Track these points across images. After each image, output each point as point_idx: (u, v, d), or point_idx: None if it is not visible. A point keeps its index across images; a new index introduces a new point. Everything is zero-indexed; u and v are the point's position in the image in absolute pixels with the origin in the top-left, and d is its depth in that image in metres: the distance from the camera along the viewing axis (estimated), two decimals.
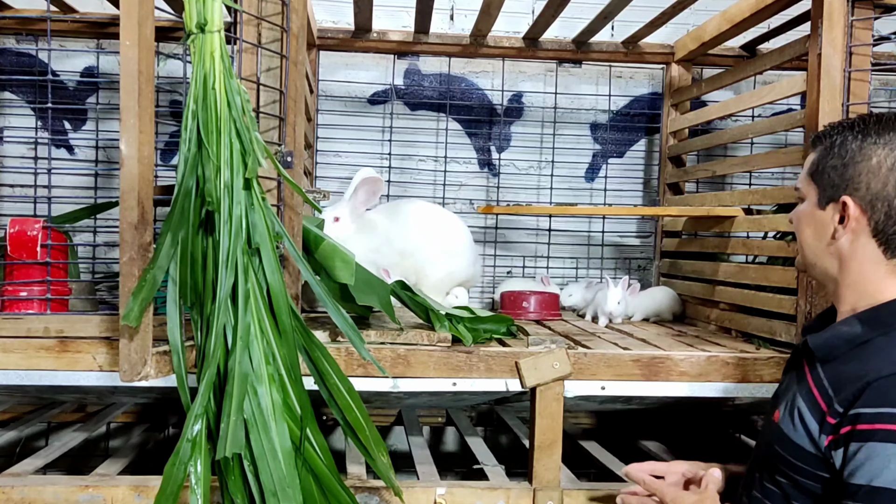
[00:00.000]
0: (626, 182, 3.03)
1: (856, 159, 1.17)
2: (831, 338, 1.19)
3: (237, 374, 1.39)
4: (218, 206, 1.42)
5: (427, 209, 2.44)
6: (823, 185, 1.21)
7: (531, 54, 2.82)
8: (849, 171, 1.17)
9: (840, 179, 1.18)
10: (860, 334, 1.16)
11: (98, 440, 2.77)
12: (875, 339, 1.14)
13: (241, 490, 1.40)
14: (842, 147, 1.19)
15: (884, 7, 1.82)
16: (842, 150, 1.19)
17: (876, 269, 1.18)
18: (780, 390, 1.32)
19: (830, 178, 1.20)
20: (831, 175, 1.20)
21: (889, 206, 1.15)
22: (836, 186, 1.19)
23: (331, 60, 2.85)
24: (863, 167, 1.16)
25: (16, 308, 1.72)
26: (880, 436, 1.05)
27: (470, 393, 1.80)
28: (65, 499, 1.62)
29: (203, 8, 1.42)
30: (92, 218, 2.45)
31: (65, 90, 2.79)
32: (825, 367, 1.18)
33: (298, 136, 1.74)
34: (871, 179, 1.15)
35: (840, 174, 1.18)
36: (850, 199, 1.17)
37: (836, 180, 1.19)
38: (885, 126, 1.17)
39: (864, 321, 1.16)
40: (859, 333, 1.16)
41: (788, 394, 1.25)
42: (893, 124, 1.17)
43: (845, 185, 1.18)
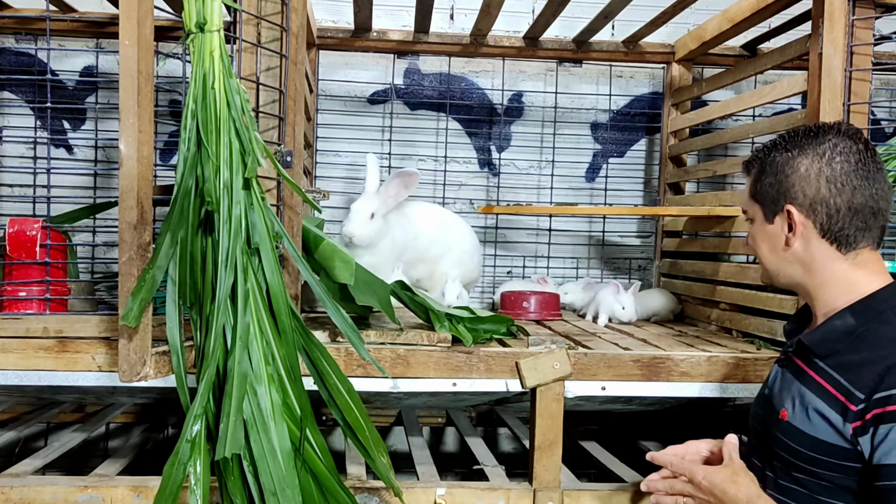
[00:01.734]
0: (627, 182, 3.03)
1: (786, 172, 1.28)
2: (827, 333, 1.24)
3: (236, 375, 1.39)
4: (217, 205, 1.42)
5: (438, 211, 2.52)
6: (765, 202, 1.32)
7: (531, 54, 2.81)
8: (784, 183, 1.28)
9: (778, 193, 1.29)
10: (855, 326, 1.22)
11: (97, 440, 2.76)
12: (871, 325, 1.20)
13: (241, 490, 1.40)
14: (772, 164, 1.30)
15: (884, 6, 1.82)
16: (773, 168, 1.30)
17: (838, 266, 1.26)
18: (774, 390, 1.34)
19: (770, 194, 1.31)
20: (769, 191, 1.30)
21: (828, 207, 1.24)
22: (776, 200, 1.30)
23: (331, 60, 2.84)
24: (795, 178, 1.27)
25: (15, 308, 1.72)
26: None
27: (470, 393, 1.80)
28: (64, 499, 1.62)
29: (202, 7, 1.42)
30: (91, 218, 2.45)
31: (64, 90, 2.78)
32: (826, 361, 1.22)
33: (298, 135, 1.73)
34: (805, 186, 1.26)
35: (777, 188, 1.29)
36: (793, 207, 1.27)
37: (774, 195, 1.30)
38: (804, 138, 1.28)
39: (857, 313, 1.23)
40: (854, 325, 1.22)
41: (790, 392, 1.28)
42: (810, 135, 1.28)
43: (784, 197, 1.28)
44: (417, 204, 2.50)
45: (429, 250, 2.39)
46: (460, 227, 2.52)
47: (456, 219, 2.54)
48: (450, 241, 2.44)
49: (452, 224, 2.50)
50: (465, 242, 2.49)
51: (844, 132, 1.28)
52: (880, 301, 1.23)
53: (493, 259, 2.97)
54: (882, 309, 1.21)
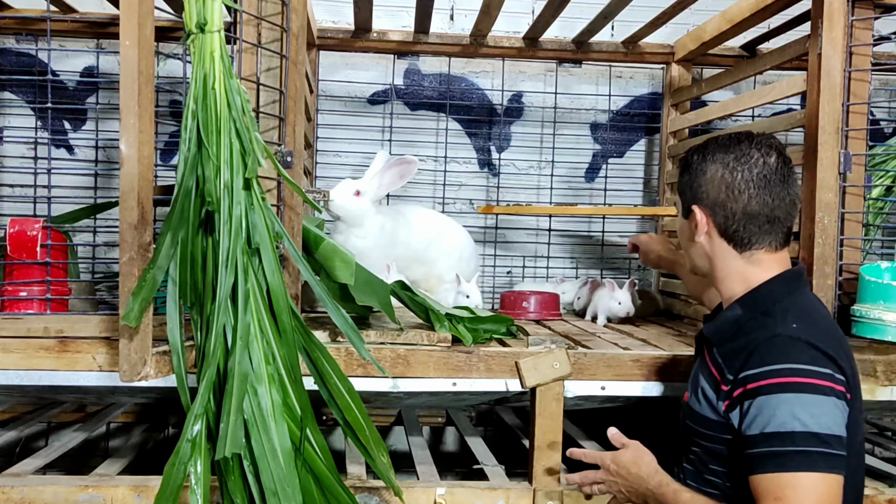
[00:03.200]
0: (626, 182, 3.03)
1: (698, 174, 1.41)
2: (720, 323, 1.41)
3: (237, 374, 1.39)
4: (218, 206, 1.42)
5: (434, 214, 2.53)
6: (682, 198, 1.46)
7: (531, 54, 2.82)
8: (695, 183, 1.41)
9: (690, 191, 1.42)
10: (741, 315, 1.37)
11: (98, 440, 2.77)
12: (756, 316, 1.35)
13: (241, 490, 1.40)
14: (689, 165, 1.43)
15: (884, 7, 1.82)
16: (690, 168, 1.43)
17: (734, 263, 1.40)
18: (691, 375, 1.51)
19: (683, 191, 1.45)
20: (684, 188, 1.44)
21: (725, 210, 1.37)
22: (687, 198, 1.43)
23: (331, 60, 2.85)
24: (703, 180, 1.39)
25: (16, 308, 1.72)
26: (765, 390, 1.26)
27: (470, 393, 1.80)
28: (64, 499, 1.62)
29: (203, 8, 1.42)
30: (92, 218, 2.45)
31: (65, 90, 2.79)
32: (719, 349, 1.38)
33: (298, 136, 1.74)
34: (710, 189, 1.38)
35: (690, 187, 1.42)
36: (697, 207, 1.40)
37: (687, 193, 1.43)
38: (721, 146, 1.40)
39: (743, 304, 1.38)
40: (741, 315, 1.37)
41: (694, 377, 1.46)
42: (728, 143, 1.40)
43: (693, 196, 1.41)
44: (414, 206, 2.51)
45: (425, 252, 2.39)
46: (456, 231, 2.51)
47: (452, 222, 2.54)
48: (446, 244, 2.44)
49: (448, 227, 2.50)
50: (461, 246, 2.49)
51: (758, 143, 1.39)
52: (765, 293, 1.37)
53: (493, 259, 2.97)
54: (765, 301, 1.36)
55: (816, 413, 1.23)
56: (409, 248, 2.37)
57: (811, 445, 1.22)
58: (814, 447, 1.22)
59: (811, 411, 1.23)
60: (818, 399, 1.24)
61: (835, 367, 1.27)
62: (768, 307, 1.35)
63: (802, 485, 1.21)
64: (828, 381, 1.25)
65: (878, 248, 2.77)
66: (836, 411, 1.25)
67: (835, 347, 1.30)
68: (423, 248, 2.40)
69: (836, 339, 1.34)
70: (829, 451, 1.22)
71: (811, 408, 1.23)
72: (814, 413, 1.23)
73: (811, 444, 1.22)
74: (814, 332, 1.30)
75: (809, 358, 1.26)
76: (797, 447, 1.22)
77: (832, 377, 1.26)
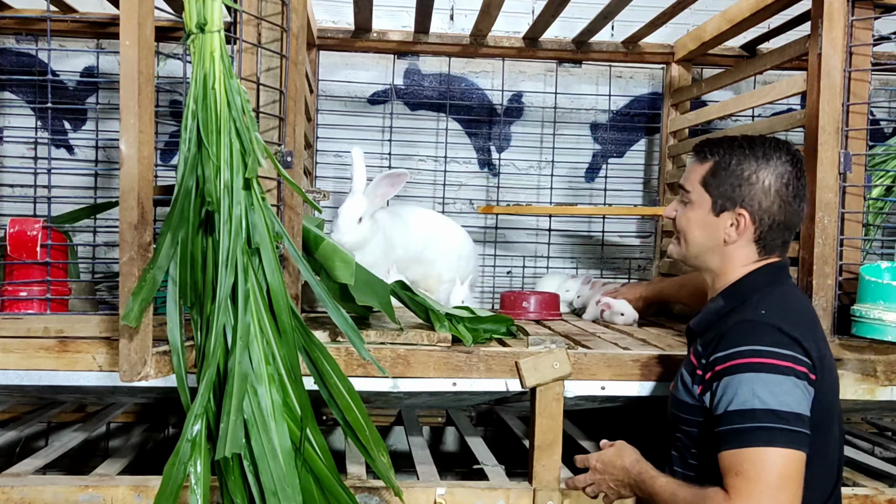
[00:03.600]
0: (626, 182, 3.03)
1: (751, 180, 1.42)
2: (703, 315, 1.48)
3: (237, 374, 1.39)
4: (218, 206, 1.42)
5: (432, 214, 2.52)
6: (717, 195, 1.45)
7: (531, 54, 2.82)
8: (744, 188, 1.42)
9: (737, 194, 1.43)
10: (723, 306, 1.44)
11: (98, 440, 2.77)
12: (736, 306, 1.42)
13: (241, 490, 1.40)
14: (738, 166, 1.43)
15: (884, 7, 1.82)
16: (738, 169, 1.43)
17: (747, 266, 1.45)
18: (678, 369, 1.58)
19: (726, 192, 1.44)
20: (727, 189, 1.44)
21: (772, 220, 1.42)
22: (731, 199, 1.43)
23: (331, 60, 2.85)
24: (757, 187, 1.42)
25: (16, 308, 1.72)
26: (730, 371, 1.33)
27: (470, 393, 1.80)
28: (64, 499, 1.62)
29: (203, 8, 1.42)
30: (92, 218, 2.45)
31: (65, 90, 2.79)
32: (701, 339, 1.46)
33: (298, 136, 1.74)
34: (762, 198, 1.42)
35: (736, 189, 1.43)
36: (746, 212, 1.43)
37: (732, 194, 1.43)
38: (769, 153, 1.43)
39: (725, 295, 1.45)
40: (722, 306, 1.45)
41: (680, 369, 1.53)
42: (774, 152, 1.43)
43: (741, 200, 1.43)
44: (412, 207, 2.50)
45: (422, 253, 2.39)
46: (454, 231, 2.51)
47: (450, 222, 2.54)
48: (444, 244, 2.44)
49: (446, 227, 2.49)
50: (460, 246, 2.49)
51: (794, 156, 1.45)
52: (746, 284, 1.44)
53: (492, 259, 2.97)
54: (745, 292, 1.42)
55: (776, 391, 1.29)
56: (407, 249, 2.37)
57: (770, 422, 1.27)
58: (773, 423, 1.27)
59: (771, 389, 1.29)
60: (777, 378, 1.30)
61: (799, 349, 1.33)
62: (746, 296, 1.42)
63: (761, 459, 1.27)
64: (788, 362, 1.31)
65: (878, 248, 2.77)
66: (797, 390, 1.30)
67: (802, 331, 1.35)
68: (421, 248, 2.39)
69: (805, 323, 1.39)
70: (788, 428, 1.27)
71: (771, 386, 1.29)
72: (773, 391, 1.29)
73: (770, 420, 1.28)
74: (781, 317, 1.36)
75: (772, 340, 1.33)
76: (757, 423, 1.28)
77: (794, 358, 1.32)
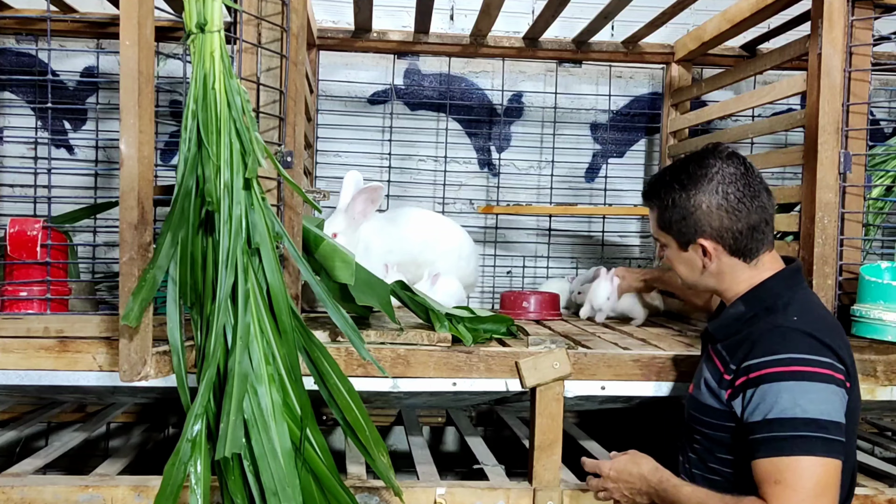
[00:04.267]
0: (626, 182, 3.03)
1: (690, 210, 1.43)
2: (723, 320, 1.47)
3: (237, 374, 1.39)
4: (218, 206, 1.42)
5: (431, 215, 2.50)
6: (675, 235, 1.47)
7: (531, 54, 2.82)
8: (690, 220, 1.43)
9: (687, 228, 1.44)
10: (744, 312, 1.43)
11: (98, 440, 2.77)
12: (758, 312, 1.41)
13: (241, 490, 1.40)
14: (674, 203, 1.45)
15: (884, 7, 1.82)
16: (676, 207, 1.45)
17: (744, 272, 1.45)
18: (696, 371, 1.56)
19: (679, 230, 1.46)
20: (678, 227, 1.46)
21: (732, 232, 1.42)
22: (685, 234, 1.45)
23: (331, 60, 2.85)
24: (699, 215, 1.42)
25: (16, 308, 1.72)
26: (767, 378, 1.31)
27: (470, 393, 1.80)
28: (64, 499, 1.62)
29: (203, 8, 1.42)
30: (92, 218, 2.45)
31: (65, 90, 2.79)
32: (722, 343, 1.45)
33: (298, 136, 1.74)
34: (710, 221, 1.42)
35: (685, 225, 1.44)
36: (704, 240, 1.44)
37: (684, 230, 1.45)
38: (693, 174, 1.43)
39: (745, 301, 1.44)
40: (743, 311, 1.43)
41: (699, 372, 1.52)
42: (698, 169, 1.43)
43: (694, 232, 1.44)
44: (410, 209, 2.49)
45: (421, 254, 2.37)
46: (454, 231, 2.48)
47: (450, 223, 2.51)
48: (443, 245, 2.42)
49: (446, 228, 2.47)
50: (460, 245, 2.47)
51: (725, 158, 1.44)
52: (764, 290, 1.43)
53: (492, 259, 2.97)
54: (767, 297, 1.42)
55: (816, 399, 1.28)
56: (406, 251, 2.35)
57: (810, 431, 1.26)
58: (813, 432, 1.26)
59: (811, 398, 1.28)
60: (818, 386, 1.29)
61: (834, 357, 1.32)
62: (770, 303, 1.41)
63: (801, 468, 1.26)
64: (827, 370, 1.31)
65: (878, 248, 2.77)
66: (836, 398, 1.30)
67: (833, 338, 1.35)
68: (420, 250, 2.38)
69: (833, 330, 1.39)
70: (827, 437, 1.26)
71: (811, 394, 1.28)
72: (813, 399, 1.28)
73: (810, 429, 1.26)
74: (813, 324, 1.35)
75: (809, 347, 1.32)
76: (797, 432, 1.27)
77: (832, 366, 1.31)
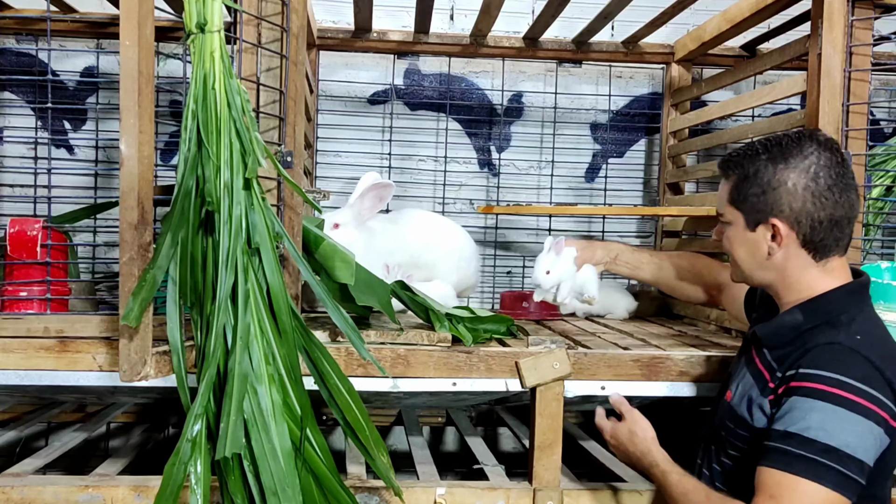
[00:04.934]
0: (626, 182, 3.03)
1: (773, 185, 1.32)
2: (777, 327, 1.36)
3: (237, 374, 1.39)
4: (218, 206, 1.42)
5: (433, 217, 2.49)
6: (748, 211, 1.36)
7: (531, 54, 2.82)
8: (770, 196, 1.32)
9: (764, 205, 1.33)
10: (802, 322, 1.33)
11: (98, 440, 2.77)
12: (819, 325, 1.31)
13: (241, 490, 1.40)
14: (757, 175, 1.34)
15: (884, 7, 1.82)
16: (758, 179, 1.33)
17: (809, 272, 1.34)
18: (732, 373, 1.48)
19: (753, 204, 1.35)
20: (753, 201, 1.35)
21: (812, 220, 1.31)
22: (761, 211, 1.34)
23: (331, 60, 2.85)
24: (782, 192, 1.31)
25: (16, 308, 1.72)
26: (804, 391, 1.23)
27: (470, 393, 1.80)
28: (65, 499, 1.62)
29: (203, 8, 1.42)
30: (92, 218, 2.45)
31: (65, 90, 2.79)
32: (772, 352, 1.35)
33: (298, 136, 1.74)
34: (791, 201, 1.31)
35: (763, 200, 1.33)
36: (779, 221, 1.33)
37: (759, 206, 1.34)
38: (788, 150, 1.32)
39: (805, 311, 1.33)
40: (801, 322, 1.33)
41: (738, 376, 1.42)
42: (793, 146, 1.33)
43: (770, 209, 1.33)
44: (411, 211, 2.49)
45: (421, 256, 2.37)
46: (456, 233, 2.48)
47: (452, 224, 2.51)
48: (444, 248, 2.41)
49: (447, 230, 2.47)
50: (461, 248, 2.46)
51: (824, 144, 1.33)
52: (828, 302, 1.32)
53: (492, 259, 2.97)
54: (829, 310, 1.32)
55: (847, 431, 1.19)
56: (407, 253, 2.34)
57: (826, 459, 1.19)
58: (829, 461, 1.18)
59: (842, 427, 1.19)
60: (856, 419, 1.20)
61: (888, 393, 1.22)
62: (832, 317, 1.31)
63: (802, 491, 1.19)
64: (872, 405, 1.21)
65: (878, 248, 2.77)
66: (870, 437, 1.20)
67: (893, 369, 1.24)
68: (421, 252, 2.37)
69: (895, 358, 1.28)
70: (842, 470, 1.18)
71: (845, 424, 1.19)
72: (844, 430, 1.19)
73: (827, 457, 1.19)
74: (875, 348, 1.25)
75: (862, 374, 1.22)
76: (813, 455, 1.19)
77: (880, 402, 1.21)
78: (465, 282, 2.40)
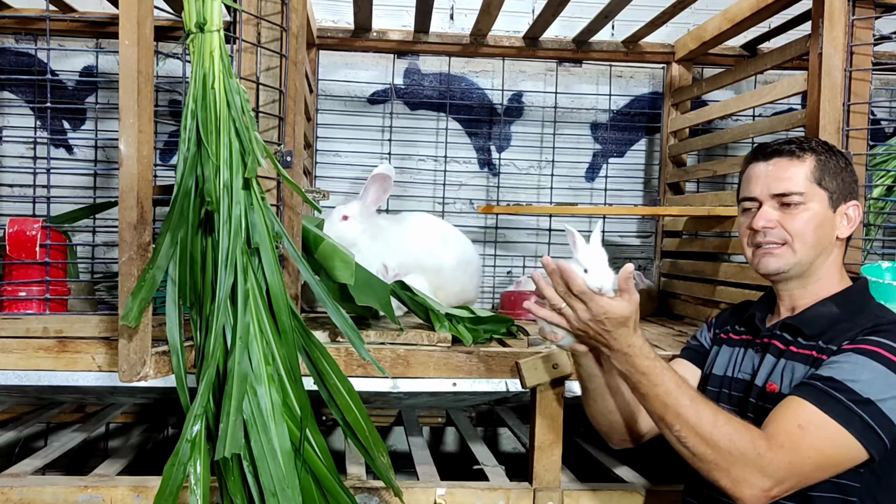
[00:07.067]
0: (627, 182, 3.03)
1: (853, 175, 1.43)
2: (815, 317, 1.39)
3: (236, 375, 1.39)
4: (217, 205, 1.42)
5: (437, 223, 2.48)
6: (833, 189, 1.40)
7: (531, 54, 2.81)
8: (849, 178, 1.41)
9: (850, 188, 1.41)
10: (839, 314, 1.37)
11: (97, 440, 2.76)
12: (854, 315, 1.36)
13: (241, 490, 1.40)
14: (839, 162, 1.41)
15: (884, 6, 1.82)
16: (838, 161, 1.41)
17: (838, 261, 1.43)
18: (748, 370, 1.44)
19: (838, 184, 1.40)
20: (839, 180, 1.40)
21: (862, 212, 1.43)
22: (844, 190, 1.41)
23: (331, 60, 2.84)
24: (854, 177, 1.43)
25: (15, 308, 1.72)
26: (862, 351, 1.26)
27: (470, 393, 1.80)
28: (64, 499, 1.62)
29: (202, 7, 1.42)
30: (91, 218, 2.45)
31: (64, 90, 2.78)
32: (810, 342, 1.36)
33: (298, 135, 1.73)
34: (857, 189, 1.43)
35: (847, 182, 1.41)
36: (858, 203, 1.42)
37: (847, 188, 1.41)
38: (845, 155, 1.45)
39: (838, 303, 1.39)
40: (838, 313, 1.37)
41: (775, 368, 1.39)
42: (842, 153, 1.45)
43: (852, 192, 1.41)
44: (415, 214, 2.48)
45: (425, 260, 2.37)
46: (459, 241, 2.47)
47: (455, 232, 2.50)
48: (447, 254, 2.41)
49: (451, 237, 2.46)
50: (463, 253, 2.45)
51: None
52: (858, 293, 1.41)
53: (493, 259, 2.97)
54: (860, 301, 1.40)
55: (888, 390, 1.23)
56: (409, 255, 2.34)
57: (862, 409, 1.22)
58: (863, 412, 1.21)
59: (885, 386, 1.23)
60: None
61: None
62: (864, 307, 1.38)
63: (828, 430, 1.21)
64: None
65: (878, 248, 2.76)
66: None
67: None
68: (424, 256, 2.37)
69: None
70: (871, 424, 1.22)
71: (888, 383, 1.23)
72: (886, 389, 1.23)
73: (863, 408, 1.22)
74: None
75: None
76: (849, 402, 1.22)
77: None
78: (465, 294, 2.39)
